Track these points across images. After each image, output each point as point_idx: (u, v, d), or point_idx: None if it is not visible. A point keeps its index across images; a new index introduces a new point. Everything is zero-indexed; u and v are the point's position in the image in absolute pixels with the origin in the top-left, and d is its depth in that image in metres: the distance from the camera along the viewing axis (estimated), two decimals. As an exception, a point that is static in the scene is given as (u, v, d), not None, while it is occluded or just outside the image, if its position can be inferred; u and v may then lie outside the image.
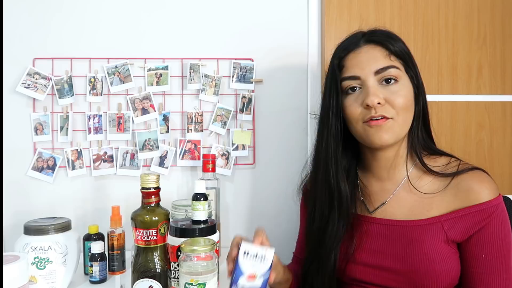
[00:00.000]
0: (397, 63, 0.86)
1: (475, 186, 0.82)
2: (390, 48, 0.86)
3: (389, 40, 0.87)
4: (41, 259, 0.92)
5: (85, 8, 1.30)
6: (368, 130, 0.85)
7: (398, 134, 0.85)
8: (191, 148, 1.32)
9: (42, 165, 1.28)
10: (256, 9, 1.35)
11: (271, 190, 1.37)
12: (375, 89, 0.83)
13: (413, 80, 0.88)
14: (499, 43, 1.39)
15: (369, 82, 0.84)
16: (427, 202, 0.85)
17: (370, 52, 0.86)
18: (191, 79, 1.31)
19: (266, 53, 1.34)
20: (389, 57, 0.86)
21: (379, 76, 0.84)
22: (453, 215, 0.82)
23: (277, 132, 1.36)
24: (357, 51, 0.87)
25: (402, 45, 0.88)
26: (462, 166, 0.86)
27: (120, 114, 1.30)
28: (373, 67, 0.84)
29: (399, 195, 0.89)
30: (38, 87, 1.27)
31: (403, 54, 0.87)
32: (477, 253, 0.81)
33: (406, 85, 0.86)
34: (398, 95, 0.83)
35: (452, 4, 1.37)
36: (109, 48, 1.31)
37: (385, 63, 0.85)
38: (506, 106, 1.40)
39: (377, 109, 0.83)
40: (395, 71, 0.85)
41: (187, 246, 0.76)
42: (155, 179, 0.86)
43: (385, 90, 0.84)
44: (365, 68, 0.85)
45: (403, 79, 0.86)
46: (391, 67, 0.84)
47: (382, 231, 0.87)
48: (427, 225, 0.83)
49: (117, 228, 1.07)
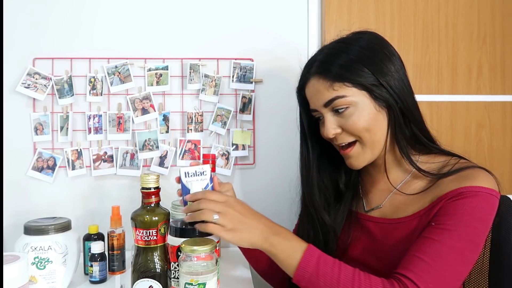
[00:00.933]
0: (343, 89, 0.82)
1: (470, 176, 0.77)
2: (331, 76, 0.82)
3: (327, 66, 0.83)
4: (41, 259, 0.92)
5: (85, 8, 1.30)
6: (343, 156, 0.89)
7: (370, 156, 0.86)
8: (191, 148, 1.32)
9: (42, 165, 1.28)
10: (256, 9, 1.35)
11: (271, 190, 1.37)
12: (328, 122, 0.86)
13: (372, 93, 0.81)
14: (499, 43, 1.39)
15: (324, 114, 0.86)
16: (412, 198, 0.84)
17: (315, 87, 0.86)
18: (191, 79, 1.31)
19: (266, 53, 1.34)
20: (332, 87, 0.82)
21: (330, 107, 0.85)
22: (431, 205, 0.79)
23: (277, 132, 1.36)
24: (308, 84, 0.89)
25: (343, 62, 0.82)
26: (460, 165, 0.82)
27: (120, 114, 1.30)
28: (320, 101, 0.85)
29: (393, 197, 0.89)
30: (38, 87, 1.27)
31: (345, 76, 0.81)
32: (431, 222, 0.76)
33: (361, 106, 0.82)
34: (352, 121, 0.82)
35: (452, 4, 1.37)
36: (109, 48, 1.31)
37: (329, 96, 0.83)
38: (506, 106, 1.40)
39: (337, 138, 0.86)
40: (341, 100, 0.82)
41: (187, 246, 0.76)
42: (155, 179, 0.86)
43: (340, 118, 0.84)
44: (316, 102, 0.87)
45: (355, 102, 0.82)
46: (335, 98, 0.82)
47: (373, 230, 0.88)
48: (407, 221, 0.82)
49: (117, 228, 1.07)
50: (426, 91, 1.38)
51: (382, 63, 0.83)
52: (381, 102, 0.83)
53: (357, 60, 0.82)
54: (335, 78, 0.82)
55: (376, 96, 0.82)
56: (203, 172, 0.87)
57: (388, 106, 0.83)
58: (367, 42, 0.85)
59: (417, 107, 0.88)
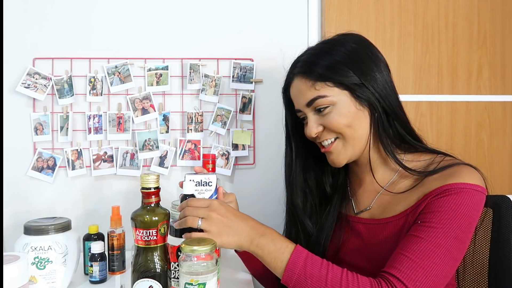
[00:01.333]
0: (324, 89, 0.83)
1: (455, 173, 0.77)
2: (313, 76, 0.84)
3: (312, 65, 0.85)
4: (41, 259, 0.92)
5: (85, 8, 1.30)
6: (325, 155, 0.90)
7: (351, 152, 0.87)
8: (191, 148, 1.32)
9: (42, 165, 1.28)
10: (256, 9, 1.35)
11: (271, 190, 1.37)
12: (311, 121, 0.87)
13: (354, 92, 0.83)
14: (499, 43, 1.39)
15: (307, 114, 0.88)
16: (399, 197, 0.84)
17: (298, 87, 0.89)
18: (191, 79, 1.31)
19: (266, 53, 1.34)
20: (314, 87, 0.84)
21: (311, 107, 0.86)
22: (417, 204, 0.79)
23: (277, 132, 1.36)
24: (292, 85, 0.91)
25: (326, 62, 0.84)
26: (445, 162, 0.81)
27: (120, 114, 1.30)
28: (302, 101, 0.87)
29: (380, 197, 0.89)
30: (38, 87, 1.27)
31: (328, 75, 0.83)
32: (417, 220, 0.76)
33: (342, 105, 0.83)
34: (333, 119, 0.84)
35: (452, 4, 1.37)
36: (109, 48, 1.31)
37: (311, 95, 0.85)
38: (506, 106, 1.40)
39: (319, 137, 0.88)
40: (322, 100, 0.84)
41: (187, 246, 0.76)
42: (155, 179, 0.86)
43: (322, 117, 0.86)
44: (299, 103, 0.89)
45: (336, 102, 0.83)
46: (317, 98, 0.84)
47: (362, 231, 0.88)
48: (395, 221, 0.82)
49: (117, 228, 1.07)
50: (426, 91, 1.38)
51: (364, 64, 0.84)
52: (363, 101, 0.84)
53: (340, 61, 0.84)
54: (317, 78, 0.84)
55: (358, 95, 0.84)
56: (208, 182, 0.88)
57: (370, 105, 0.84)
58: (351, 44, 0.86)
59: (401, 106, 0.88)
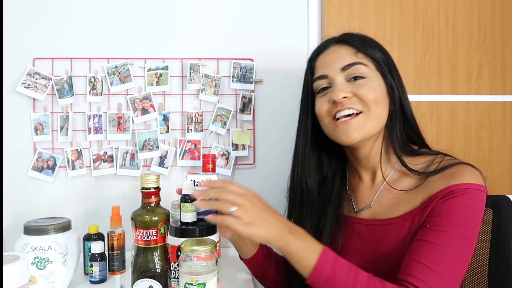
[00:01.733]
0: (365, 60, 0.86)
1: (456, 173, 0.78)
2: (357, 47, 0.86)
3: (358, 40, 0.88)
4: (41, 259, 0.92)
5: (85, 8, 1.30)
6: (335, 128, 0.86)
7: (369, 130, 0.84)
8: (191, 148, 1.32)
9: (42, 165, 1.28)
10: (257, 9, 1.35)
11: (271, 190, 1.36)
12: (341, 85, 0.85)
13: (386, 80, 0.86)
14: (499, 43, 1.39)
15: (336, 79, 0.86)
16: (402, 198, 0.84)
17: (337, 51, 0.88)
18: (191, 79, 1.31)
19: (266, 53, 1.34)
20: (356, 54, 0.86)
21: (346, 73, 0.85)
22: (423, 206, 0.79)
23: (277, 132, 1.36)
24: (325, 52, 0.90)
25: (374, 47, 0.88)
26: (445, 162, 0.82)
27: (120, 114, 1.30)
28: (339, 64, 0.86)
29: (381, 195, 0.89)
30: (38, 87, 1.27)
31: (373, 54, 0.87)
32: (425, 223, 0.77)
33: (376, 82, 0.85)
34: (366, 87, 0.83)
35: (452, 4, 1.37)
36: (109, 48, 1.31)
37: (351, 60, 0.85)
38: (506, 106, 1.40)
39: (344, 102, 0.83)
40: (362, 67, 0.85)
41: (187, 246, 0.76)
42: (155, 179, 0.86)
43: (353, 85, 0.85)
44: (332, 66, 0.86)
45: (372, 77, 0.85)
46: (358, 63, 0.85)
47: (363, 232, 0.88)
48: (399, 222, 0.82)
49: (117, 228, 1.07)
50: (426, 91, 1.38)
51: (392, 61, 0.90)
52: (389, 90, 0.86)
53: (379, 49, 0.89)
54: (360, 49, 0.86)
55: (388, 82, 0.86)
56: None
57: (392, 97, 0.87)
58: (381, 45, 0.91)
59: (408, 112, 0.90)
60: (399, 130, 0.87)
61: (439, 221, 0.74)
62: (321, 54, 0.91)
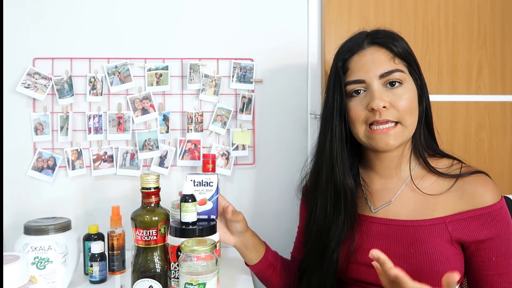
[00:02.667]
0: (402, 65, 0.86)
1: (480, 189, 0.83)
2: (394, 51, 0.86)
3: (393, 41, 0.87)
4: (41, 259, 0.92)
5: (85, 8, 1.30)
6: (371, 136, 0.85)
7: (405, 138, 0.86)
8: (191, 148, 1.32)
9: (42, 165, 1.28)
10: (256, 9, 1.35)
11: (271, 190, 1.37)
12: (380, 92, 0.83)
13: (417, 81, 0.88)
14: (499, 43, 1.39)
15: (374, 85, 0.84)
16: (431, 202, 0.85)
17: (374, 55, 0.86)
18: (191, 79, 1.31)
19: (266, 53, 1.34)
20: (393, 60, 0.85)
21: (383, 79, 0.84)
22: (458, 217, 0.83)
23: (277, 132, 1.36)
24: (361, 53, 0.87)
25: (405, 46, 0.88)
26: (465, 169, 0.87)
27: (120, 114, 1.30)
28: (378, 70, 0.84)
29: (403, 195, 0.89)
30: (38, 87, 1.27)
31: (406, 56, 0.87)
32: (488, 256, 0.82)
33: (410, 87, 0.86)
34: (402, 98, 0.84)
35: (452, 4, 1.37)
36: (109, 48, 1.31)
37: (390, 67, 0.84)
38: (506, 106, 1.40)
39: (382, 113, 0.83)
40: (399, 74, 0.84)
41: (187, 246, 0.76)
42: (155, 179, 0.86)
43: (390, 93, 0.84)
44: (370, 71, 0.84)
45: (407, 82, 0.86)
46: (396, 70, 0.84)
47: (385, 231, 0.87)
48: (431, 225, 0.83)
49: (117, 228, 1.07)
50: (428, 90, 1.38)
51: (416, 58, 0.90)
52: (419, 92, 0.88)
53: (412, 51, 0.89)
54: (398, 55, 0.86)
55: (418, 85, 0.88)
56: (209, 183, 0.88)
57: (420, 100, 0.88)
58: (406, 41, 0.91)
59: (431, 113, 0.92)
60: (424, 132, 0.90)
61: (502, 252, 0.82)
62: (356, 54, 0.87)
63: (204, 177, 0.89)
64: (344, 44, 0.91)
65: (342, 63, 0.89)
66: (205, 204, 0.94)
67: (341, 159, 0.90)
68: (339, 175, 0.90)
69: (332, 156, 0.90)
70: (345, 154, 0.90)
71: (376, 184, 0.93)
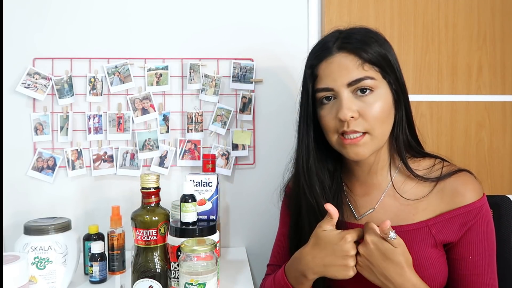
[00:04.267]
0: (372, 72, 0.81)
1: (460, 188, 0.82)
2: (363, 57, 0.81)
3: (363, 46, 0.81)
4: (41, 259, 0.92)
5: (85, 8, 1.30)
6: (343, 145, 0.83)
7: (376, 147, 0.83)
8: (191, 148, 1.32)
9: (42, 165, 1.28)
10: (257, 9, 1.35)
11: (271, 190, 1.36)
12: (347, 101, 0.80)
13: (392, 85, 0.83)
14: (499, 43, 1.39)
15: (343, 94, 0.80)
16: (413, 206, 0.84)
17: (342, 62, 0.81)
18: (191, 79, 1.31)
19: (266, 53, 1.34)
20: (362, 66, 0.80)
21: (352, 87, 0.80)
22: (440, 219, 0.82)
23: (277, 132, 1.36)
24: (329, 60, 0.83)
25: (378, 49, 0.82)
26: (446, 168, 0.85)
27: (120, 114, 1.30)
28: (346, 78, 0.80)
29: (385, 201, 0.88)
30: (38, 87, 1.27)
31: (378, 61, 0.81)
32: (464, 255, 0.82)
33: (383, 94, 0.82)
34: (372, 107, 0.80)
35: (452, 4, 1.37)
36: (109, 48, 1.31)
37: (358, 75, 0.80)
38: (506, 106, 1.40)
39: (350, 123, 0.80)
40: (369, 81, 0.80)
41: (187, 246, 0.76)
42: (155, 179, 0.86)
43: (360, 101, 0.80)
44: (337, 80, 0.81)
45: (379, 88, 0.81)
46: (365, 78, 0.80)
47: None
48: (414, 230, 0.82)
49: (117, 228, 1.07)
50: (426, 91, 1.38)
51: (397, 62, 0.86)
52: (395, 97, 0.84)
53: (387, 53, 0.83)
54: (368, 61, 0.80)
55: (395, 90, 0.83)
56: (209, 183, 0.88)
57: (398, 105, 0.85)
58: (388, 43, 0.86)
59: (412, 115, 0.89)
60: (403, 135, 0.87)
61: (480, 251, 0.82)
62: (324, 61, 0.83)
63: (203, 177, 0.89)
64: (314, 47, 0.89)
65: (311, 70, 0.86)
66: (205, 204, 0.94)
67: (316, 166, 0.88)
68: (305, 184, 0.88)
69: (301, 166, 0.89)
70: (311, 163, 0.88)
71: (358, 190, 0.92)
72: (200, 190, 0.92)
